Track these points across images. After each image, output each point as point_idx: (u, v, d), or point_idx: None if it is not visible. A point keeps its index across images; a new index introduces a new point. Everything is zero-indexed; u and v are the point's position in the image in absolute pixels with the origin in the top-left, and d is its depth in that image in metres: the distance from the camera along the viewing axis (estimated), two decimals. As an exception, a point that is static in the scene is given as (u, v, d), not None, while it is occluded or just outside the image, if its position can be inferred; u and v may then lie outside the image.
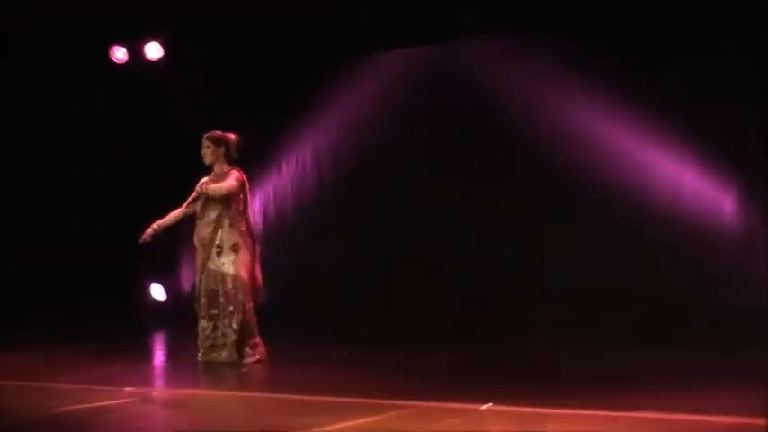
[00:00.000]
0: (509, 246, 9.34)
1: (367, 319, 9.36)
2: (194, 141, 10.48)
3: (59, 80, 10.61)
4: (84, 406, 5.51)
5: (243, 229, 7.34)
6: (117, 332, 9.74)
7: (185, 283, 11.36)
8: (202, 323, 7.30)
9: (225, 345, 7.21)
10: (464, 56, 9.64)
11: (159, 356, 8.87)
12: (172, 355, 8.74)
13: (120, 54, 10.70)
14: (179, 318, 10.69)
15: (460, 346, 8.14)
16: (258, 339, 7.32)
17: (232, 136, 7.45)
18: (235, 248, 7.27)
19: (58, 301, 10.44)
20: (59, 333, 9.25)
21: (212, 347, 7.25)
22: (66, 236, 10.89)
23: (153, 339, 10.14)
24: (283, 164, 10.64)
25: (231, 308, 7.22)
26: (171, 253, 11.25)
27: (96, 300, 10.58)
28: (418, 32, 9.58)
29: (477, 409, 5.09)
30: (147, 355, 8.77)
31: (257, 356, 7.25)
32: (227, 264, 7.24)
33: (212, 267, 7.26)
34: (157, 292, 11.47)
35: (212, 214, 7.32)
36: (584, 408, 5.05)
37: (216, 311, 7.26)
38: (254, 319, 7.34)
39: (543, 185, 9.25)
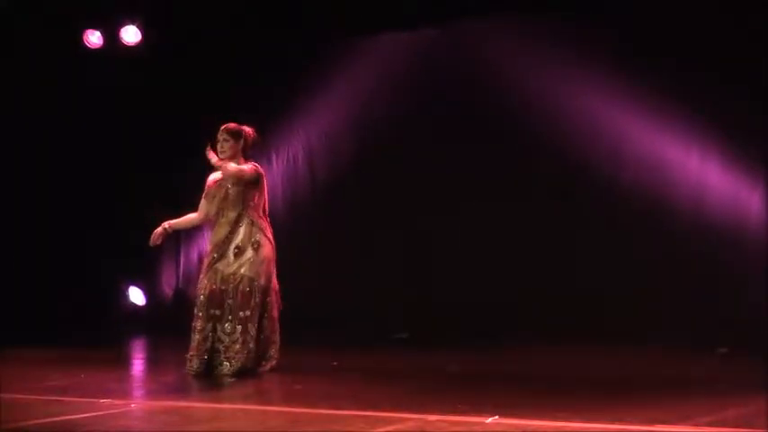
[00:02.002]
0: (515, 246, 9.31)
1: (364, 324, 9.33)
2: (176, 133, 10.55)
3: (29, 65, 10.51)
4: (54, 419, 5.42)
5: (264, 226, 7.14)
6: (92, 339, 9.67)
7: (167, 287, 11.31)
8: (198, 324, 6.98)
9: (226, 353, 6.92)
10: (465, 40, 9.60)
11: (138, 365, 8.78)
12: (152, 364, 8.67)
13: (94, 38, 10.62)
14: (159, 324, 10.69)
15: (465, 353, 8.10)
16: (276, 348, 7.15)
17: (249, 129, 7.22)
18: (255, 246, 7.03)
19: (27, 303, 10.35)
20: (27, 338, 9.17)
21: (209, 353, 6.95)
22: (35, 233, 10.81)
23: (131, 347, 10.08)
24: (274, 156, 10.58)
25: (245, 313, 6.92)
26: (151, 255, 11.21)
27: (68, 303, 10.51)
28: (416, 15, 9.54)
29: (483, 422, 5.04)
30: (125, 363, 8.69)
31: (268, 366, 7.07)
32: (246, 265, 6.98)
33: (222, 268, 6.99)
34: (136, 296, 11.40)
35: (232, 214, 7.09)
36: (596, 421, 5.02)
37: (217, 312, 6.95)
38: (277, 327, 7.16)
39: (551, 180, 9.22)
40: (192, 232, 10.61)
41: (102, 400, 5.96)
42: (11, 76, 10.30)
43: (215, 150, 7.12)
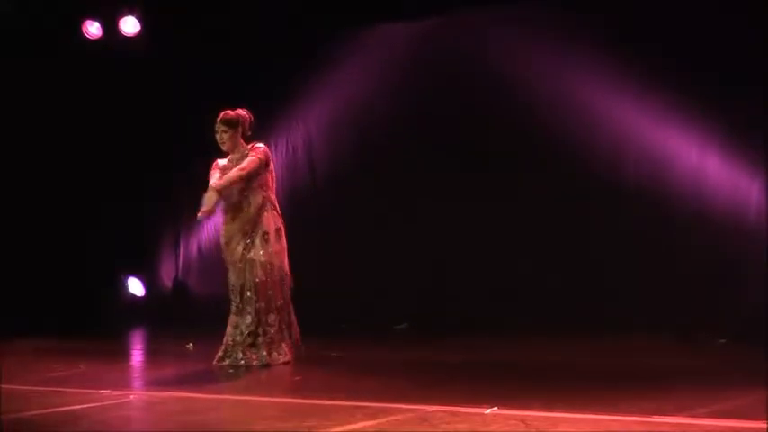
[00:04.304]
0: (515, 237, 9.31)
1: (364, 316, 9.33)
2: (175, 125, 10.56)
3: (27, 56, 10.49)
4: (54, 410, 5.43)
5: (279, 211, 7.17)
6: (91, 329, 9.68)
7: (166, 278, 11.31)
8: (247, 319, 6.98)
9: (269, 344, 6.97)
10: (465, 31, 9.59)
11: (137, 356, 8.79)
12: (151, 355, 8.67)
13: (93, 29, 10.60)
14: (158, 315, 10.71)
15: (464, 345, 8.11)
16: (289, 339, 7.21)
17: (244, 113, 7.13)
18: (278, 234, 7.08)
19: (27, 294, 10.35)
20: (27, 329, 9.17)
21: (251, 347, 6.96)
22: (35, 225, 10.81)
23: (130, 337, 10.09)
24: (273, 147, 10.57)
25: (279, 302, 7.01)
26: (151, 245, 11.24)
27: (68, 294, 10.51)
28: (415, 6, 9.53)
29: (482, 413, 5.05)
30: (124, 354, 8.70)
31: (288, 357, 7.10)
32: (272, 253, 7.01)
33: (256, 257, 6.97)
34: (135, 287, 11.40)
35: (258, 199, 7.05)
36: (594, 412, 5.04)
37: (263, 305, 6.99)
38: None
39: (551, 174, 9.22)
40: (190, 224, 10.63)
41: (101, 391, 5.98)
42: (10, 68, 10.30)
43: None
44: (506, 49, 9.33)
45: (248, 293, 7.00)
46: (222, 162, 7.18)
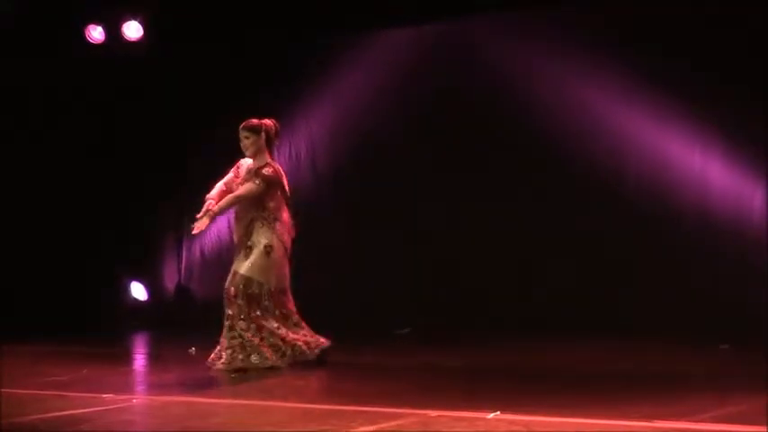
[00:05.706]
0: (516, 241, 9.32)
1: (365, 320, 9.33)
2: (178, 129, 10.57)
3: (29, 60, 10.50)
4: (56, 414, 5.43)
5: (283, 227, 7.21)
6: (94, 334, 9.69)
7: (169, 282, 11.32)
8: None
9: (243, 347, 7.07)
10: (465, 36, 9.60)
11: (140, 361, 8.80)
12: (154, 360, 8.68)
13: (96, 33, 10.62)
14: (161, 319, 10.71)
15: (466, 350, 8.11)
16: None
17: (269, 122, 7.25)
18: (267, 249, 7.09)
19: (29, 299, 10.37)
20: (29, 334, 9.18)
21: (228, 349, 7.09)
22: (37, 229, 10.82)
23: (133, 342, 10.09)
24: (276, 154, 10.57)
25: (257, 312, 7.07)
26: (153, 249, 11.23)
27: (70, 298, 10.52)
28: (417, 12, 9.55)
29: (484, 418, 5.06)
30: (127, 359, 8.70)
31: (272, 362, 7.11)
32: (254, 267, 7.09)
33: (237, 268, 7.09)
34: (138, 291, 11.40)
35: (250, 214, 7.15)
36: (597, 416, 5.05)
37: (231, 312, 7.08)
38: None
39: (552, 178, 9.22)
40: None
41: (104, 395, 5.98)
42: (12, 71, 10.31)
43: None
44: (508, 55, 9.35)
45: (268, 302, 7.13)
46: (246, 162, 7.26)
